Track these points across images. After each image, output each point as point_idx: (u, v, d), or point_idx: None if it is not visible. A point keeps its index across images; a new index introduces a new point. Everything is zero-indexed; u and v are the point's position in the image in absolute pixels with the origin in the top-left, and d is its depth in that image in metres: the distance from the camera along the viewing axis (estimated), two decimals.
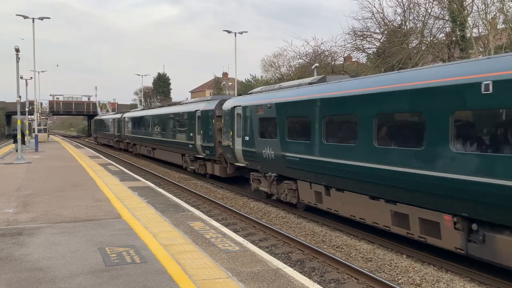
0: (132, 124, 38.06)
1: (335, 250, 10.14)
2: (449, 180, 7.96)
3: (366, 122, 10.14)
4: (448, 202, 8.09)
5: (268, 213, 14.16)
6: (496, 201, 7.20)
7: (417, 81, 8.95)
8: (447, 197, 8.08)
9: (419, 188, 8.68)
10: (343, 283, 8.18)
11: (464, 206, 7.83)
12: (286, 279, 6.21)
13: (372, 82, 10.61)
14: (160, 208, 11.35)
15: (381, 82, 10.16)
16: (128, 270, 6.49)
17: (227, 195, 17.59)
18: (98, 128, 56.80)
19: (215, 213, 14.23)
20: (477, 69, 7.73)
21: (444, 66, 9.22)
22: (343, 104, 11.22)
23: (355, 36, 32.44)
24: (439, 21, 28.19)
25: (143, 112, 36.51)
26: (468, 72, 7.88)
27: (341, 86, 11.60)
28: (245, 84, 56.50)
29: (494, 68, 7.43)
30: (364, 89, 10.47)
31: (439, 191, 8.21)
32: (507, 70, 7.14)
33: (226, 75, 72.61)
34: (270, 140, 14.47)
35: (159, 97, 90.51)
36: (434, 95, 8.41)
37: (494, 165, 7.24)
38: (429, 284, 7.88)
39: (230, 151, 17.69)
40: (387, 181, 9.48)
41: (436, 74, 8.58)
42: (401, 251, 9.73)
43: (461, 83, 7.88)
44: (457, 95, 7.94)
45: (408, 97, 9.08)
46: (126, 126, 40.42)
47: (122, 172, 20.09)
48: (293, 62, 43.36)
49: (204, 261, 6.95)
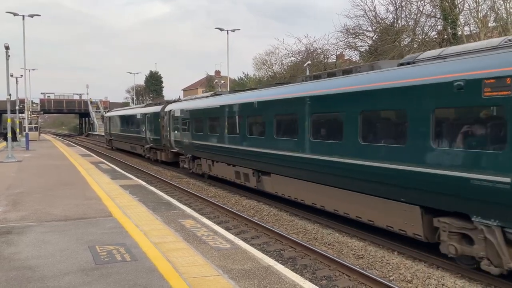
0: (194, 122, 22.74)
1: (327, 247, 10.15)
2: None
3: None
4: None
5: (260, 211, 14.15)
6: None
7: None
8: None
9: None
10: (334, 280, 8.18)
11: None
12: (277, 276, 6.20)
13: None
14: (151, 206, 11.30)
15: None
16: (118, 268, 6.44)
17: (220, 193, 17.55)
18: (115, 127, 41.00)
19: (207, 211, 14.19)
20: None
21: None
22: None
23: (347, 34, 32.58)
24: (431, 19, 28.35)
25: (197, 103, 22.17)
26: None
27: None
28: (237, 82, 56.45)
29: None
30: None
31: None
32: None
33: (218, 73, 72.50)
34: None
35: (151, 95, 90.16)
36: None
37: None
38: (420, 281, 7.91)
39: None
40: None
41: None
42: (393, 248, 9.76)
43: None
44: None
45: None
46: (179, 124, 23.46)
47: (113, 171, 19.99)
48: (286, 60, 43.43)
49: (195, 258, 6.92)
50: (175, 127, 23.97)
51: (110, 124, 42.46)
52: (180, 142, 23.25)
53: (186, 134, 22.04)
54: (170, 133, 24.70)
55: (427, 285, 7.73)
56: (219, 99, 18.99)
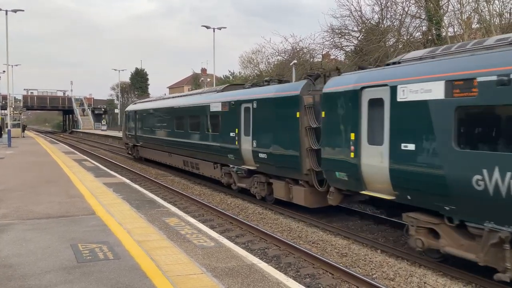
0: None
1: (311, 246, 10.19)
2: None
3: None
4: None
5: (245, 209, 14.15)
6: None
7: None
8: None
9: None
10: (318, 278, 8.22)
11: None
12: (261, 274, 6.21)
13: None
14: (135, 204, 11.22)
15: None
16: (100, 267, 6.38)
17: (205, 192, 17.51)
18: (147, 128, 25.85)
19: (191, 209, 14.14)
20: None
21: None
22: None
23: (333, 34, 32.66)
24: (416, 19, 28.60)
25: None
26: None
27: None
28: (223, 80, 56.34)
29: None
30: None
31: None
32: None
33: (204, 71, 72.22)
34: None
35: (137, 92, 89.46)
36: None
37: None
38: (403, 279, 7.99)
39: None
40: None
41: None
42: (376, 246, 9.85)
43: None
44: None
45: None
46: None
47: (97, 168, 19.79)
48: (272, 59, 43.44)
49: (178, 257, 6.89)
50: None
51: (137, 123, 27.58)
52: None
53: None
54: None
55: (409, 283, 7.81)
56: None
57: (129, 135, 29.73)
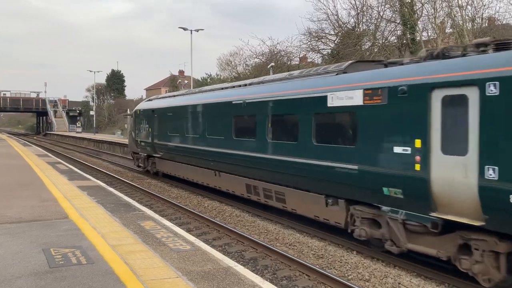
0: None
1: (288, 248, 10.22)
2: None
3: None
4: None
5: (222, 212, 14.10)
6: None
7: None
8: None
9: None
10: (295, 280, 8.25)
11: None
12: (237, 277, 6.19)
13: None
14: (110, 208, 11.05)
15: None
16: (73, 272, 6.26)
17: (182, 194, 17.38)
18: (174, 132, 18.90)
19: (168, 212, 14.01)
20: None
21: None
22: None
23: (310, 37, 32.95)
24: (391, 24, 29.13)
25: None
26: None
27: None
28: (201, 82, 56.13)
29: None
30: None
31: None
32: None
33: (182, 73, 71.91)
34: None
35: (113, 94, 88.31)
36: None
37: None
38: (378, 280, 8.08)
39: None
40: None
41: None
42: (352, 247, 9.93)
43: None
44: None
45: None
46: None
47: (71, 171, 19.43)
48: (250, 61, 43.56)
49: (153, 261, 6.81)
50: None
51: (155, 127, 20.76)
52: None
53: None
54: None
55: (384, 284, 7.90)
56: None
57: (141, 142, 22.50)
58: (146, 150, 22.03)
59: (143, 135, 22.14)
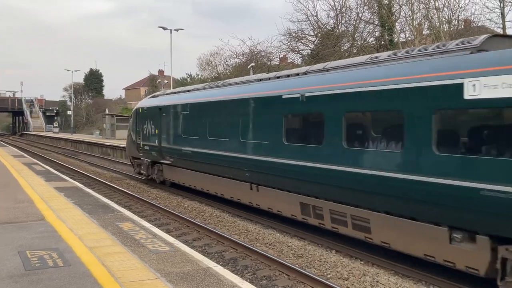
0: None
1: (268, 248, 10.24)
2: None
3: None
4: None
5: (202, 212, 14.05)
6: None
7: None
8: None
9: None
10: (274, 279, 8.27)
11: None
12: (216, 278, 6.18)
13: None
14: (87, 209, 10.90)
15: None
16: (50, 274, 6.15)
17: (161, 195, 17.25)
18: (191, 134, 15.54)
19: (147, 213, 13.89)
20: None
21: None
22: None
23: (290, 38, 33.12)
24: (369, 25, 29.46)
25: None
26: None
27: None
28: (181, 82, 55.87)
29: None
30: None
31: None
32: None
33: (162, 73, 71.40)
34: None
35: (91, 93, 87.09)
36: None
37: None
38: (356, 278, 8.16)
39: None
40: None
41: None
42: (331, 246, 10.01)
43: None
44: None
45: None
46: None
47: (48, 172, 19.10)
48: (230, 61, 43.54)
49: (132, 262, 6.75)
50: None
51: (163, 127, 17.52)
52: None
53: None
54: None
55: (363, 282, 7.99)
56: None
57: (144, 146, 18.99)
58: (151, 155, 18.54)
59: (147, 138, 18.74)
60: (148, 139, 18.60)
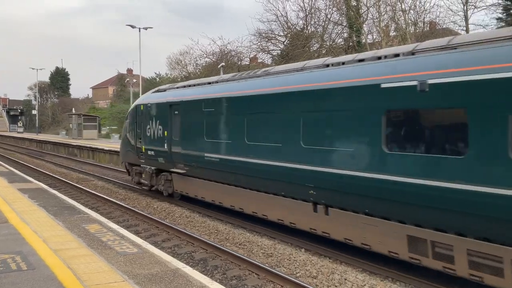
0: None
1: (238, 247, 10.24)
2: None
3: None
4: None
5: (172, 213, 13.92)
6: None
7: None
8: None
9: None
10: (244, 279, 8.28)
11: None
12: (185, 279, 6.14)
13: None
14: (52, 211, 10.63)
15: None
16: (13, 278, 5.97)
17: (130, 196, 16.99)
18: (220, 137, 12.25)
19: (115, 214, 13.66)
20: None
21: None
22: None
23: (260, 38, 33.21)
24: (338, 26, 29.85)
25: None
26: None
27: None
28: (150, 81, 55.21)
29: None
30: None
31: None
32: None
33: (130, 72, 70.23)
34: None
35: (57, 92, 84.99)
36: None
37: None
38: (325, 276, 8.26)
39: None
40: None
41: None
42: (300, 245, 10.09)
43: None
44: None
45: None
46: None
47: (11, 173, 18.54)
48: (200, 61, 43.28)
49: (98, 265, 6.62)
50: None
51: (173, 128, 14.50)
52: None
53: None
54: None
55: (331, 280, 8.09)
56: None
57: (147, 151, 15.72)
58: (156, 163, 15.37)
59: (151, 141, 15.48)
60: (153, 142, 15.35)
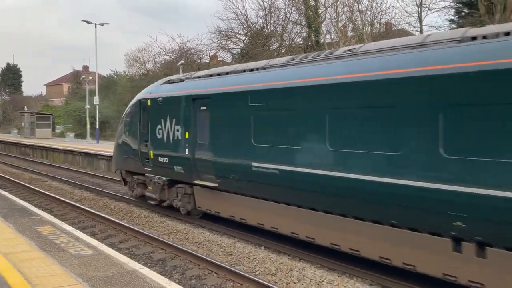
0: None
1: (197, 247, 10.16)
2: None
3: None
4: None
5: (130, 213, 13.65)
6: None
7: None
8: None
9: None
10: (204, 278, 8.22)
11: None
12: (142, 280, 6.02)
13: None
14: (2, 213, 10.20)
15: None
16: None
17: (86, 196, 16.53)
18: (295, 144, 8.56)
19: (70, 216, 13.25)
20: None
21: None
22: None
23: (220, 36, 33.08)
24: (297, 26, 30.15)
25: None
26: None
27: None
28: (107, 78, 53.93)
29: None
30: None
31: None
32: None
33: (86, 69, 68.27)
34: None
35: (8, 90, 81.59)
36: None
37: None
38: (284, 273, 8.32)
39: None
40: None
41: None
42: (260, 243, 10.13)
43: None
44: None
45: None
46: None
47: None
48: (159, 58, 42.60)
49: (51, 268, 6.40)
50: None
51: (199, 129, 11.19)
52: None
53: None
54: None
55: (290, 277, 8.15)
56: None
57: (157, 157, 12.51)
58: (171, 172, 12.15)
59: (164, 145, 12.26)
60: (166, 146, 12.15)
